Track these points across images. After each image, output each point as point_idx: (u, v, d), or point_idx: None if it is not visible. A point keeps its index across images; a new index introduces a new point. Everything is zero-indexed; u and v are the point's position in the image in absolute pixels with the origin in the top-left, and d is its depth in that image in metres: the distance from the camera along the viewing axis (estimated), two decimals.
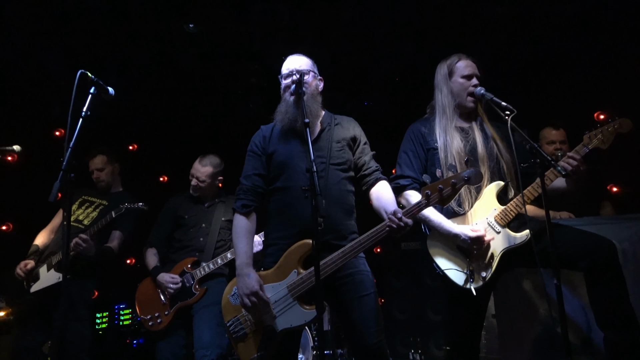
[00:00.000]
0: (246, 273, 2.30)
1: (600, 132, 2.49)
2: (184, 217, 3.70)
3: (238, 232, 2.42)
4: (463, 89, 2.70)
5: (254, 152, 2.54)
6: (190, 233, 3.63)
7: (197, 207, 3.76)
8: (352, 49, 4.59)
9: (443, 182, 2.15)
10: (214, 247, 3.58)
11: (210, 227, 3.65)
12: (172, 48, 4.42)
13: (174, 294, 3.44)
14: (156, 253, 3.67)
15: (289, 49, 4.28)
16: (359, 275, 2.32)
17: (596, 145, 2.49)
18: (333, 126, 2.52)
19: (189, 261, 3.52)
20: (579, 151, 2.49)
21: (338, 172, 2.41)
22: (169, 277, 3.44)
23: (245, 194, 2.48)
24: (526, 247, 2.46)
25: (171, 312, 3.44)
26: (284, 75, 2.51)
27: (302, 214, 2.29)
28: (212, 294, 3.46)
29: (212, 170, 3.74)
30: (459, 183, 2.13)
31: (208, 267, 3.48)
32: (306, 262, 2.30)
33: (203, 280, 3.51)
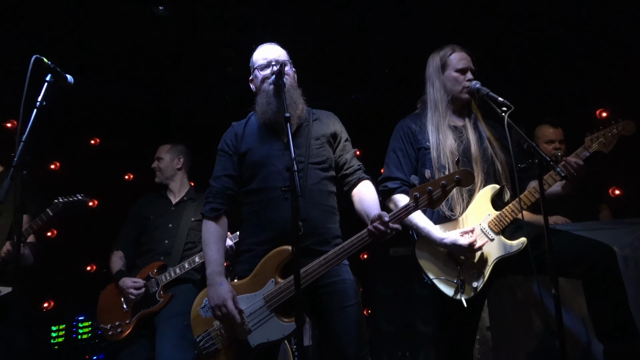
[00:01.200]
0: (217, 282, 2.28)
1: (603, 134, 2.53)
2: (150, 217, 3.68)
3: (207, 238, 2.40)
4: (457, 84, 2.72)
5: (225, 151, 2.53)
6: (155, 235, 3.61)
7: (164, 206, 3.74)
8: (338, 37, 4.59)
9: (432, 183, 2.16)
10: (181, 250, 3.56)
11: (178, 228, 3.62)
12: (139, 32, 4.35)
13: (136, 300, 3.40)
14: (122, 257, 3.64)
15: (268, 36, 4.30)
16: (342, 284, 2.32)
17: (598, 148, 2.54)
18: (311, 122, 2.51)
19: (155, 266, 3.50)
20: (580, 154, 2.53)
21: (318, 171, 2.41)
22: (130, 282, 3.41)
23: (214, 197, 2.46)
24: (521, 254, 2.49)
25: (133, 320, 3.40)
26: (261, 66, 2.49)
27: (280, 217, 2.28)
28: (177, 303, 3.42)
29: (169, 146, 3.85)
30: (450, 185, 2.14)
31: (174, 271, 3.46)
32: (284, 270, 2.28)
33: (170, 287, 3.48)
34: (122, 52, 4.60)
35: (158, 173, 3.85)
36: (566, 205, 3.47)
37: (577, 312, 2.88)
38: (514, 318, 3.17)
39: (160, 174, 3.85)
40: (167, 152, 3.87)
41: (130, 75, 4.91)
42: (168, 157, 3.86)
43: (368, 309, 5.47)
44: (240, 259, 2.43)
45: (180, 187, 3.85)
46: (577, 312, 2.88)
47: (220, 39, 4.55)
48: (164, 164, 3.84)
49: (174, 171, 3.85)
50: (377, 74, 5.31)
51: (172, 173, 3.84)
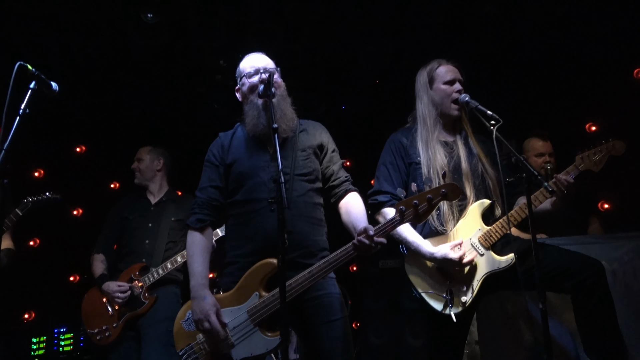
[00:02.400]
0: (201, 295, 2.26)
1: (593, 153, 2.57)
2: (129, 217, 3.67)
3: (193, 249, 2.39)
4: (446, 96, 2.74)
5: (211, 162, 2.52)
6: (136, 235, 3.60)
7: (143, 206, 3.74)
8: (328, 47, 4.62)
9: (418, 197, 2.17)
10: (163, 249, 3.55)
11: (158, 227, 3.61)
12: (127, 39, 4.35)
13: (122, 303, 3.39)
14: (104, 260, 3.62)
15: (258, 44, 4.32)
16: (328, 298, 2.32)
17: (588, 167, 2.58)
18: (298, 133, 2.52)
19: (137, 268, 3.48)
20: (570, 172, 2.56)
21: (304, 183, 2.41)
22: (115, 286, 3.40)
23: (200, 208, 2.45)
24: (510, 269, 2.51)
25: (120, 324, 3.39)
26: (249, 74, 2.49)
27: (265, 229, 2.28)
28: (161, 307, 3.42)
29: (150, 148, 3.87)
30: (436, 198, 2.15)
31: (157, 272, 3.45)
32: (269, 283, 2.28)
33: (153, 288, 3.47)
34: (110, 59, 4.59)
35: (137, 174, 3.85)
36: (555, 220, 3.50)
37: (566, 326, 2.90)
38: (503, 332, 3.17)
39: (139, 175, 3.85)
40: (148, 154, 3.88)
41: (118, 82, 4.89)
42: (148, 159, 3.86)
43: (357, 322, 5.46)
44: (225, 272, 2.42)
45: (159, 188, 3.85)
46: (566, 327, 2.89)
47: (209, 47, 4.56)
48: (143, 165, 3.84)
49: (153, 173, 3.85)
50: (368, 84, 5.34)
51: (152, 175, 3.84)
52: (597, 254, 2.53)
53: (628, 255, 2.97)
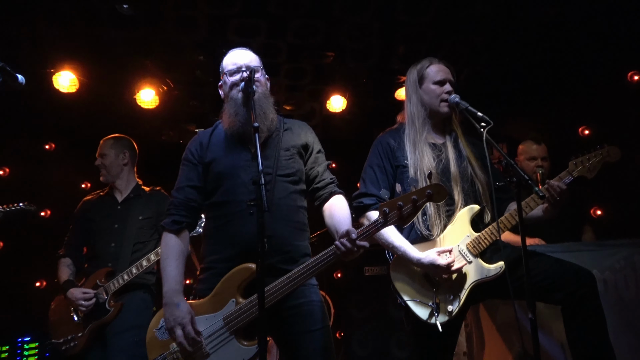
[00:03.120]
0: (175, 302, 2.24)
1: (587, 159, 2.60)
2: (95, 219, 3.58)
3: (167, 252, 2.36)
4: (435, 96, 2.76)
5: (189, 160, 2.50)
6: (101, 238, 3.51)
7: (109, 206, 3.64)
8: (315, 42, 4.63)
9: (403, 198, 2.15)
10: (129, 252, 3.46)
11: (124, 228, 3.52)
12: (101, 31, 4.31)
13: (86, 311, 3.32)
14: (70, 264, 3.55)
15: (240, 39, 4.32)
16: (309, 306, 2.31)
17: (581, 174, 2.61)
18: (282, 132, 2.51)
19: (102, 273, 3.41)
20: (563, 178, 2.59)
21: (286, 184, 2.40)
22: (79, 293, 3.33)
23: (177, 209, 2.43)
24: (499, 277, 2.53)
25: (85, 333, 3.33)
26: (230, 71, 2.48)
27: (244, 233, 2.26)
28: (129, 314, 3.35)
29: (112, 140, 3.74)
30: (421, 200, 2.14)
31: (122, 278, 3.37)
32: (247, 289, 2.26)
33: (121, 294, 3.40)
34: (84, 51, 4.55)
35: (103, 171, 3.70)
36: (548, 227, 3.54)
37: (556, 337, 2.93)
38: (492, 343, 3.20)
39: (105, 172, 3.70)
40: (111, 148, 3.72)
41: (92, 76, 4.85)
42: (112, 153, 3.71)
43: (340, 331, 5.46)
44: (200, 277, 2.40)
45: (126, 184, 3.72)
46: (556, 338, 2.93)
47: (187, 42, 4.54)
48: (108, 160, 3.69)
49: (120, 167, 3.71)
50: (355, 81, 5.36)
51: (119, 170, 3.70)
52: (588, 262, 2.58)
53: (620, 263, 3.03)
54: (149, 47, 4.58)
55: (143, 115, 5.37)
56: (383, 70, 5.13)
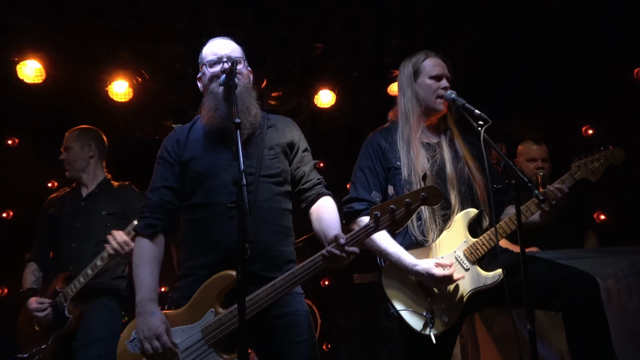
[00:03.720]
0: (149, 312, 2.22)
1: (591, 161, 2.64)
2: (57, 216, 3.53)
3: (140, 258, 2.35)
4: (431, 92, 2.77)
5: (164, 159, 2.49)
6: (62, 238, 3.46)
7: (73, 202, 3.58)
8: (303, 33, 4.63)
9: (395, 201, 2.16)
10: (91, 252, 3.37)
11: (87, 226, 3.46)
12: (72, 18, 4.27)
13: (46, 321, 3.27)
14: (35, 270, 3.50)
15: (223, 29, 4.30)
16: (294, 316, 2.31)
17: (584, 176, 2.65)
18: (265, 129, 2.50)
19: (61, 277, 3.35)
20: (566, 181, 2.62)
21: (270, 185, 2.40)
22: (35, 303, 3.28)
23: (151, 212, 2.41)
24: (496, 285, 2.55)
25: (49, 345, 3.27)
26: (210, 62, 2.47)
27: (225, 237, 2.25)
28: (94, 325, 3.28)
29: (77, 132, 3.69)
30: (415, 203, 2.14)
31: (79, 281, 3.29)
32: (227, 298, 2.25)
33: (86, 301, 3.33)
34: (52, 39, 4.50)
35: (68, 166, 3.63)
36: (549, 233, 3.57)
37: (555, 348, 2.96)
38: (488, 355, 3.23)
39: (70, 167, 3.63)
40: (76, 140, 3.66)
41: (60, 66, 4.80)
42: (77, 146, 3.64)
43: (328, 343, 5.46)
44: (177, 286, 2.39)
45: (93, 178, 3.65)
46: (556, 348, 2.96)
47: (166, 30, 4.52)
48: (73, 154, 3.62)
49: (85, 161, 3.64)
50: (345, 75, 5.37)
51: (84, 164, 3.63)
52: (590, 270, 2.60)
53: (623, 271, 3.07)
54: (123, 36, 4.55)
55: (116, 109, 5.32)
56: (375, 64, 5.15)
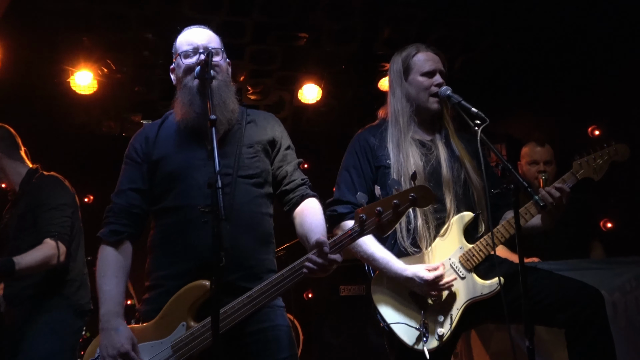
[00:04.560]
0: (114, 327, 2.21)
1: (593, 158, 2.68)
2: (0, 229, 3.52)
3: (104, 268, 2.34)
4: (423, 90, 2.79)
5: (132, 158, 2.48)
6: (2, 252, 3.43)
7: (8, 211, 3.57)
8: (285, 21, 4.64)
9: (382, 203, 2.15)
10: None
11: (8, 234, 3.45)
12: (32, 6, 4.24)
13: None
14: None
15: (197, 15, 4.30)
16: (274, 332, 2.31)
17: (587, 175, 2.68)
18: (244, 125, 2.50)
19: None
20: (567, 181, 2.65)
21: (249, 187, 2.40)
22: None
23: (116, 217, 2.41)
24: (495, 297, 2.57)
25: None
26: (185, 53, 2.46)
27: (198, 245, 2.25)
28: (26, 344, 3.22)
29: None
30: (403, 205, 2.14)
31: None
32: (200, 311, 2.25)
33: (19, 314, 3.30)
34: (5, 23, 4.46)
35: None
36: (552, 243, 3.63)
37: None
38: None
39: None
40: None
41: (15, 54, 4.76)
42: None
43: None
44: (145, 297, 2.39)
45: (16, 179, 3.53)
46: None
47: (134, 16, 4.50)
48: None
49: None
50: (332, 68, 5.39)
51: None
52: (595, 282, 2.63)
53: (631, 283, 3.11)
54: (87, 21, 4.53)
55: (79, 102, 5.31)
56: (365, 56, 5.18)
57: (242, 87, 5.46)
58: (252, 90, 5.56)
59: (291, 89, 5.64)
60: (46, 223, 3.30)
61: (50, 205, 3.36)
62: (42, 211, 3.33)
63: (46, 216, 3.32)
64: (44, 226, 3.30)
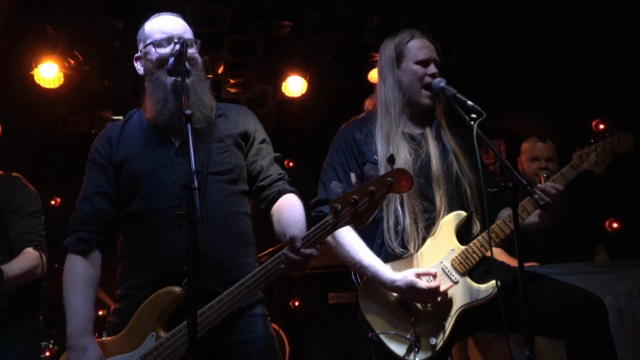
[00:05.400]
0: (81, 345, 2.20)
1: (594, 149, 2.67)
2: None
3: (70, 281, 2.33)
4: (416, 79, 2.79)
5: (96, 162, 2.48)
6: None
7: None
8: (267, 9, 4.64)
9: (357, 191, 2.11)
10: None
11: None
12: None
13: None
14: None
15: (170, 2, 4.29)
16: (254, 344, 2.30)
17: (588, 168, 2.67)
18: (214, 119, 2.50)
19: None
20: (566, 175, 2.66)
21: (221, 184, 2.39)
22: None
23: (82, 224, 2.39)
24: (492, 304, 2.57)
25: None
26: (157, 42, 2.44)
27: (169, 251, 2.25)
28: None
29: None
30: (380, 191, 2.09)
31: None
32: (171, 320, 2.25)
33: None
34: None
35: None
36: (553, 248, 3.64)
37: None
38: None
39: None
40: None
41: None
42: None
43: None
44: (115, 308, 2.38)
45: None
46: None
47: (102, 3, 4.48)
48: None
49: None
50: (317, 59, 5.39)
51: None
52: (600, 287, 2.65)
53: (638, 288, 3.13)
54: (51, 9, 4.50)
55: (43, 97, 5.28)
56: (353, 46, 5.18)
57: (220, 80, 5.45)
58: (232, 83, 5.55)
59: (274, 82, 5.63)
60: (23, 231, 3.30)
61: (25, 212, 3.36)
62: (17, 217, 3.32)
63: (22, 223, 3.32)
64: (21, 234, 3.29)
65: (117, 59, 5.06)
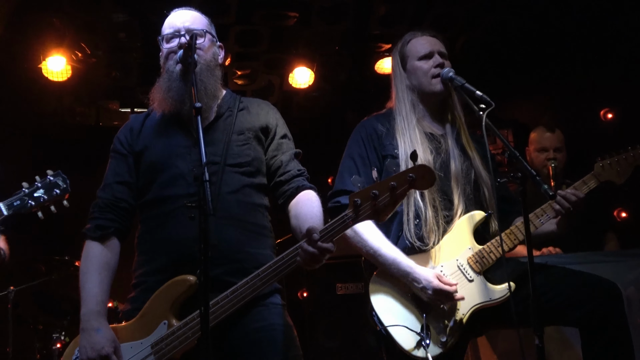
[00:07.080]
0: (94, 327, 2.23)
1: (616, 161, 2.71)
2: None
3: (88, 265, 2.36)
4: (423, 74, 2.80)
5: (117, 151, 2.52)
6: None
7: None
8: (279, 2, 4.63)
9: (378, 185, 2.12)
10: None
11: None
12: None
13: None
14: None
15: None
16: (270, 332, 2.31)
17: (608, 178, 2.71)
18: (236, 112, 2.53)
19: None
20: (588, 183, 2.68)
21: (238, 176, 2.41)
22: None
23: (102, 211, 2.43)
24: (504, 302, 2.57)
25: None
26: (167, 37, 2.49)
27: (178, 237, 2.28)
28: None
29: None
30: (401, 187, 2.09)
31: None
32: (183, 308, 2.26)
33: None
34: None
35: None
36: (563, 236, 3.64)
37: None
38: None
39: None
40: None
41: None
42: None
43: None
44: (130, 296, 2.41)
45: None
46: None
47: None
48: None
49: None
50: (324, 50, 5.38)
51: None
52: (607, 276, 2.64)
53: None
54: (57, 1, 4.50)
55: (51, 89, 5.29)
56: (359, 36, 5.17)
57: (227, 71, 5.45)
58: (238, 75, 5.54)
59: (280, 73, 5.62)
60: None
61: None
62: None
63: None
64: None
65: (123, 50, 5.06)
